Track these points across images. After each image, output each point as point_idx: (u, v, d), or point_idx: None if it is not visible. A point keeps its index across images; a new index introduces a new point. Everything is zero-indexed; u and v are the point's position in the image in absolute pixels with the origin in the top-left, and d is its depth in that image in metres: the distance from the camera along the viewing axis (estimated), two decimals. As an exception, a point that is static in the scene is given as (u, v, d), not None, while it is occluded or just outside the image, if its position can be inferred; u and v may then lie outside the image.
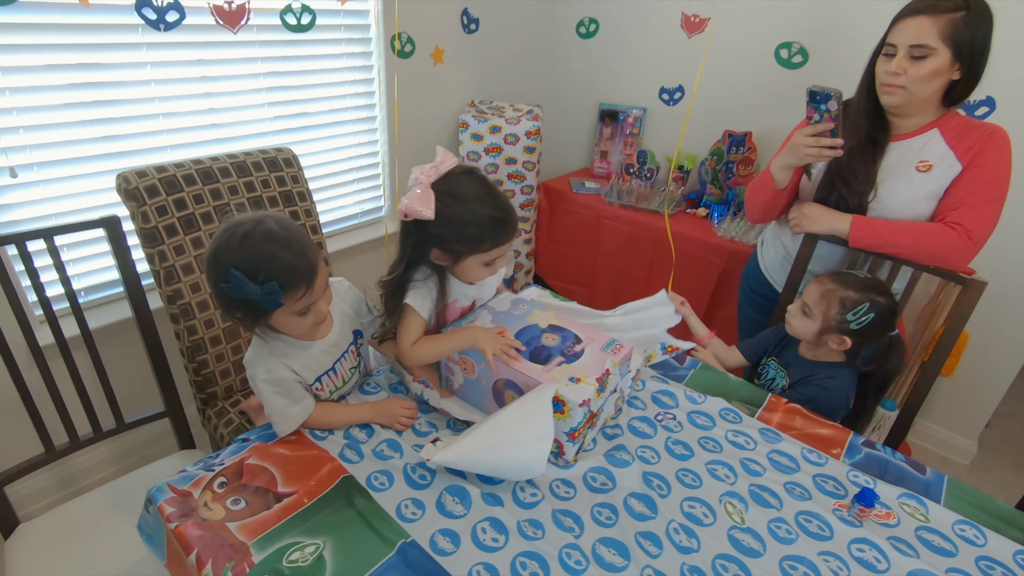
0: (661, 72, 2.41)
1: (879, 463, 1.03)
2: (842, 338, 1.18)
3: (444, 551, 0.80)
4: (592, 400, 0.91)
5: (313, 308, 0.92)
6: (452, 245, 0.97)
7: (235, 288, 0.83)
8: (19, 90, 1.34)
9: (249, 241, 0.85)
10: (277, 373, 0.94)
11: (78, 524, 1.11)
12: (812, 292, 1.21)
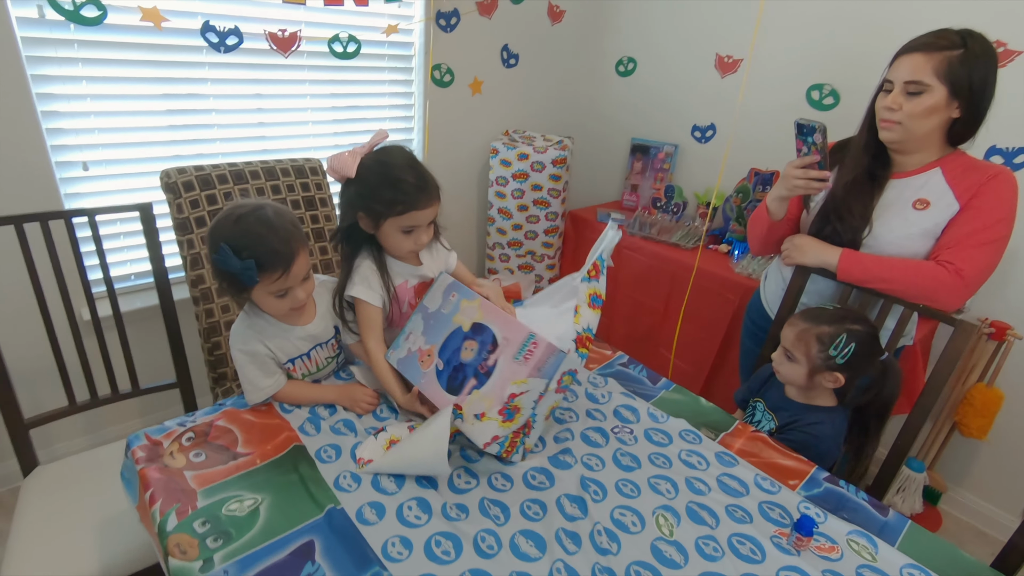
0: (694, 110, 2.44)
1: (837, 498, 0.98)
2: (834, 375, 1.14)
3: (368, 521, 0.85)
4: (500, 435, 0.92)
5: (290, 294, 1.01)
6: (371, 204, 1.04)
7: (221, 260, 0.94)
8: (99, 97, 1.57)
9: (242, 222, 0.96)
10: (250, 346, 1.04)
11: (86, 471, 1.24)
12: (788, 335, 1.19)
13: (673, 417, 1.15)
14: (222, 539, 0.80)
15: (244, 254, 0.93)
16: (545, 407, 0.98)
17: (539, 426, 1.00)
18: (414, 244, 1.10)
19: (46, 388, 1.46)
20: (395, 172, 1.03)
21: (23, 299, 1.22)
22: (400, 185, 1.03)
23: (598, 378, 1.27)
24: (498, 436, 0.92)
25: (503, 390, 0.92)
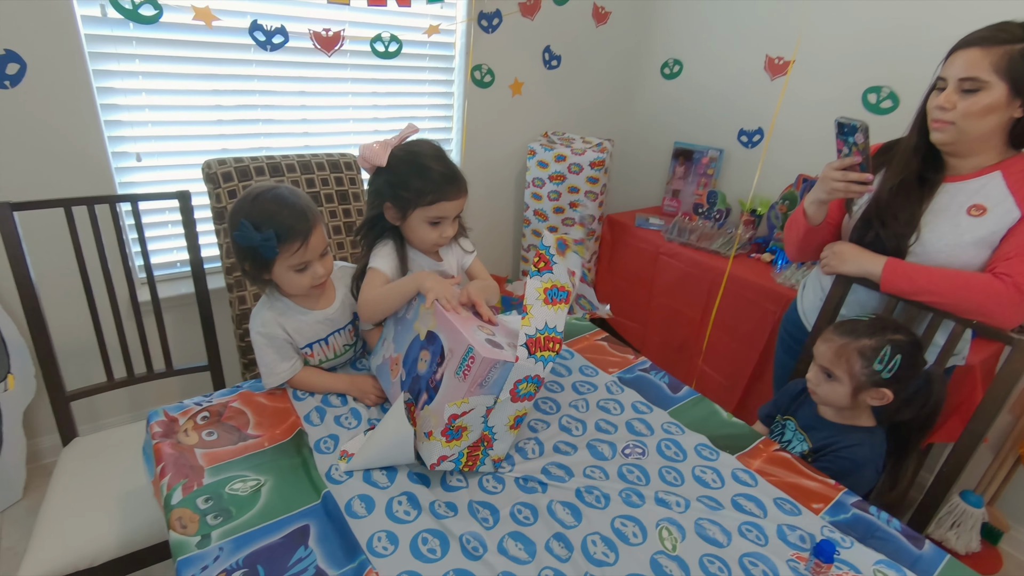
0: (741, 114, 2.35)
1: (866, 526, 0.91)
2: (882, 392, 1.05)
3: (356, 515, 0.84)
4: (448, 454, 0.88)
5: (310, 268, 1.03)
6: (400, 193, 1.05)
7: (242, 236, 0.96)
8: (153, 91, 1.66)
9: (259, 200, 0.99)
10: (269, 329, 1.06)
11: (119, 445, 1.30)
12: (825, 353, 1.10)
13: (691, 431, 1.09)
14: (222, 516, 0.81)
15: (263, 228, 0.96)
16: (503, 417, 0.89)
17: (505, 436, 0.92)
18: (439, 236, 1.10)
19: (88, 365, 1.54)
20: (425, 162, 1.05)
21: (71, 281, 1.29)
22: (430, 175, 1.04)
23: (615, 385, 1.22)
24: (445, 456, 0.88)
25: (443, 411, 0.86)
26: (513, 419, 0.91)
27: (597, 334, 1.44)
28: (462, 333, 0.86)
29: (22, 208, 1.17)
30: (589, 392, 1.19)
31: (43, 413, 1.74)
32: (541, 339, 0.85)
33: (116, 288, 1.33)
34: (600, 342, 1.40)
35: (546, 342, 0.86)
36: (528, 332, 0.85)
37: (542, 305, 0.88)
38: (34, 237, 1.24)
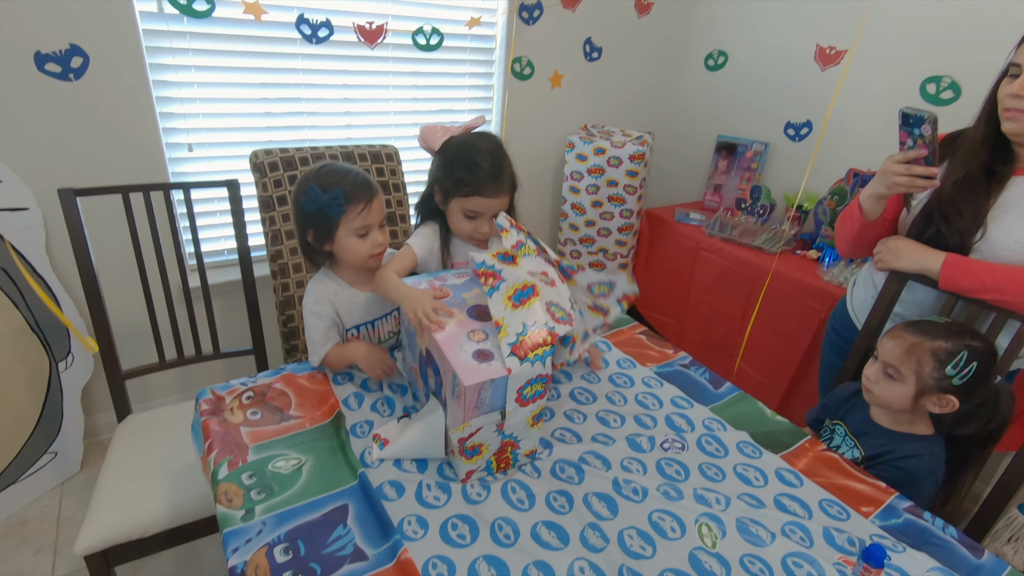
0: (789, 106, 2.28)
1: (919, 532, 0.87)
2: (947, 398, 0.98)
3: (388, 498, 0.85)
4: (473, 468, 0.87)
5: (371, 233, 1.06)
6: (444, 180, 1.09)
7: (310, 199, 1.00)
8: (204, 84, 1.72)
9: (325, 168, 1.05)
10: (320, 307, 1.09)
11: (169, 422, 1.35)
12: (893, 350, 1.03)
13: (733, 428, 1.07)
14: (265, 492, 0.83)
15: (331, 190, 1.00)
16: (519, 421, 0.86)
17: (528, 435, 0.90)
18: (474, 230, 1.12)
19: (140, 346, 1.61)
20: (473, 155, 1.07)
21: (127, 265, 1.35)
22: (473, 169, 1.06)
23: (653, 380, 1.20)
24: (472, 471, 0.88)
25: (452, 435, 0.85)
26: (531, 419, 0.88)
27: (636, 327, 1.41)
28: (446, 357, 0.82)
29: (84, 194, 1.23)
30: (626, 386, 1.18)
31: (98, 392, 1.82)
32: (526, 341, 0.82)
33: (168, 273, 1.38)
34: (639, 335, 1.38)
35: (532, 342, 0.82)
36: (509, 341, 0.81)
37: (512, 311, 0.84)
38: (93, 223, 1.29)
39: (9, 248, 1.48)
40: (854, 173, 2.00)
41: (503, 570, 0.75)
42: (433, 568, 0.74)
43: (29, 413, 1.60)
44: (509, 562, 0.76)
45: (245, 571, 0.71)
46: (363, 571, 0.73)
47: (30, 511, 1.62)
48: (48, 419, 1.65)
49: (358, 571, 0.73)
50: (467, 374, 0.79)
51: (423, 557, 0.75)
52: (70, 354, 1.69)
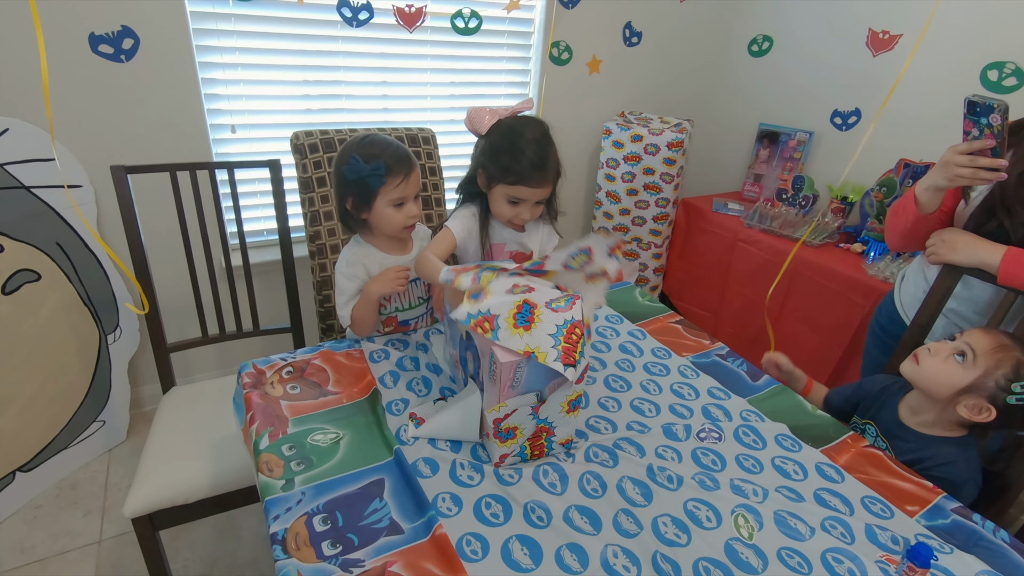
0: (837, 93, 2.19)
1: (968, 534, 0.83)
2: (985, 406, 0.93)
3: (422, 474, 0.86)
4: (507, 452, 0.87)
5: (406, 205, 1.09)
6: (488, 165, 1.09)
7: (352, 168, 1.04)
8: (247, 67, 1.75)
9: (367, 139, 1.08)
10: (352, 268, 1.13)
11: (211, 395, 1.39)
12: (982, 337, 0.96)
13: (772, 421, 1.04)
14: (304, 464, 0.85)
15: (372, 161, 1.03)
16: (555, 407, 0.86)
17: (564, 422, 0.89)
18: (515, 216, 1.13)
19: (184, 322, 1.66)
20: (520, 143, 1.06)
21: (172, 244, 1.39)
22: (519, 156, 1.06)
23: (689, 369, 1.18)
24: (506, 454, 0.87)
25: (488, 415, 0.85)
26: (567, 404, 0.87)
27: (671, 316, 1.39)
28: (484, 337, 0.81)
29: (135, 171, 1.27)
30: (662, 375, 1.16)
31: (143, 365, 1.90)
32: (566, 347, 0.79)
33: (212, 251, 1.42)
34: (674, 324, 1.36)
35: (571, 343, 0.80)
36: (554, 358, 0.78)
37: (529, 335, 0.79)
38: (141, 201, 1.33)
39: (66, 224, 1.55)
40: (905, 164, 1.92)
41: (536, 550, 0.75)
42: (467, 544, 0.75)
43: (80, 382, 1.67)
44: (542, 542, 0.76)
45: (286, 538, 0.73)
46: (399, 544, 0.74)
47: (80, 475, 1.70)
48: (97, 389, 1.72)
49: (394, 544, 0.74)
50: (504, 353, 0.79)
51: (457, 533, 0.76)
52: (118, 327, 1.75)
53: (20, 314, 1.49)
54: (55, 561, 1.45)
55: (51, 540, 1.50)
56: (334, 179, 1.13)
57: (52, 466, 1.64)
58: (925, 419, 1.01)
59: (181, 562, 1.47)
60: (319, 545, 0.73)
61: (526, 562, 0.74)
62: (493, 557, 0.74)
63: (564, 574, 0.72)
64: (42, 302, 1.54)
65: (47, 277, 1.54)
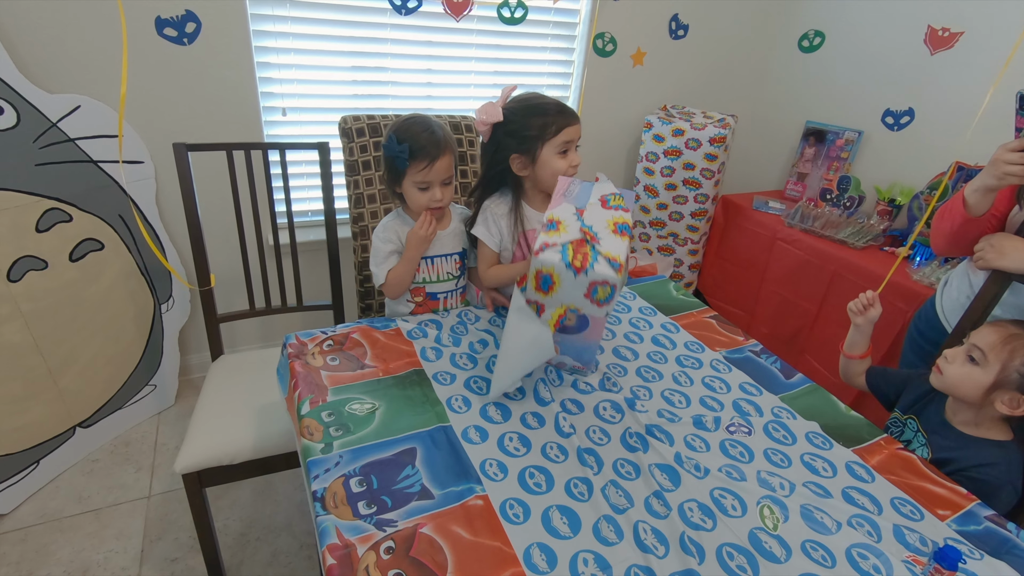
0: (890, 92, 2.13)
1: (1000, 541, 0.82)
2: (1021, 398, 0.94)
3: (472, 441, 0.90)
4: (549, 242, 0.92)
5: (430, 190, 1.15)
6: (525, 135, 1.13)
7: (387, 146, 1.13)
8: (300, 51, 1.81)
9: (409, 120, 1.16)
10: (388, 233, 1.22)
11: (256, 364, 1.46)
12: (988, 335, 0.98)
13: (803, 419, 1.04)
14: (342, 430, 0.90)
15: (402, 143, 1.10)
16: (600, 220, 0.95)
17: (608, 238, 0.93)
18: (568, 165, 1.16)
19: (231, 296, 1.75)
20: (536, 101, 1.15)
21: (226, 220, 1.46)
22: (546, 109, 1.13)
23: (721, 364, 1.19)
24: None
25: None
26: (612, 224, 0.95)
27: (706, 311, 1.39)
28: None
29: (195, 149, 1.34)
30: (693, 367, 1.17)
31: (192, 334, 2.00)
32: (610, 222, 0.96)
33: (263, 229, 1.49)
34: (709, 319, 1.36)
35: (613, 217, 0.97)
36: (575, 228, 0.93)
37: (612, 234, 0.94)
38: (197, 177, 1.40)
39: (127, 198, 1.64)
40: (958, 167, 1.85)
41: (575, 520, 0.79)
42: (510, 508, 0.79)
43: (135, 346, 1.77)
44: (581, 514, 0.80)
45: (325, 496, 0.78)
46: (429, 508, 0.78)
47: (132, 434, 1.81)
48: (151, 354, 1.82)
49: (425, 508, 0.78)
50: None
51: (501, 497, 0.80)
52: (171, 297, 1.85)
53: (84, 280, 1.60)
54: (109, 512, 1.55)
55: (105, 491, 1.60)
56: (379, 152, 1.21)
57: (108, 424, 1.75)
58: (966, 418, 1.00)
59: (222, 520, 1.55)
60: (355, 504, 0.77)
61: (564, 530, 0.77)
62: (534, 522, 0.77)
63: (600, 544, 0.75)
64: (104, 270, 1.64)
65: (109, 247, 1.64)
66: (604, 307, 0.92)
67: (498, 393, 0.98)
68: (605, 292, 0.89)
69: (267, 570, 1.44)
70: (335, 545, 0.71)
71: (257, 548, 1.49)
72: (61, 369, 1.58)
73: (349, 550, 0.71)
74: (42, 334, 1.51)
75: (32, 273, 1.47)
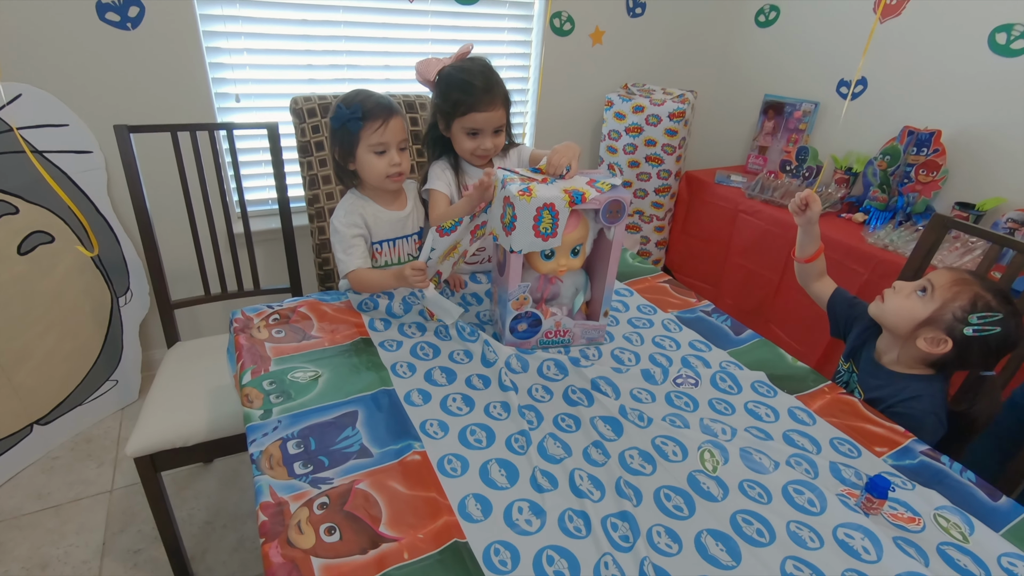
0: (843, 63, 2.16)
1: (933, 473, 0.84)
2: (943, 338, 0.96)
3: (413, 403, 0.90)
4: None
5: (388, 152, 1.12)
6: (442, 106, 1.14)
7: (335, 116, 1.09)
8: (251, 35, 1.79)
9: (353, 91, 1.14)
10: (350, 218, 1.16)
11: (212, 350, 1.44)
12: (945, 275, 1.00)
13: (750, 370, 1.05)
14: (282, 398, 0.89)
15: (352, 106, 1.08)
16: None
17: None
18: (476, 148, 1.16)
19: (191, 284, 1.71)
20: (464, 76, 1.12)
21: (181, 207, 1.43)
22: (466, 88, 1.11)
23: (672, 323, 1.20)
24: None
25: None
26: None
27: (660, 276, 1.40)
28: None
29: (137, 131, 1.32)
30: (644, 327, 1.17)
31: (155, 328, 1.96)
32: None
33: (216, 216, 1.47)
34: (662, 284, 1.37)
35: None
36: None
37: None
38: (148, 168, 1.37)
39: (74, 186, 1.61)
40: (909, 131, 1.88)
41: (513, 471, 0.79)
42: (448, 463, 0.79)
43: (94, 341, 1.74)
44: (519, 465, 0.80)
45: (260, 458, 0.77)
46: (367, 466, 0.77)
47: (94, 431, 1.78)
48: (110, 349, 1.79)
49: (362, 465, 0.77)
50: None
51: (439, 453, 0.81)
52: (129, 291, 1.82)
53: (36, 274, 1.56)
54: (69, 507, 1.52)
55: (66, 488, 1.58)
56: (328, 138, 1.18)
57: (68, 421, 1.72)
58: (892, 357, 1.03)
59: (187, 510, 1.53)
60: (291, 465, 0.77)
61: (502, 481, 0.77)
62: (471, 475, 0.78)
63: (535, 492, 0.75)
64: (56, 263, 1.61)
65: (60, 239, 1.61)
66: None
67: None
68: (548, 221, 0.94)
69: (232, 556, 1.43)
70: (267, 503, 0.71)
71: (223, 535, 1.48)
72: (14, 366, 1.54)
73: (282, 507, 0.70)
74: (-9, 329, 1.48)
75: (-23, 266, 1.44)
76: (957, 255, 1.62)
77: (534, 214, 0.93)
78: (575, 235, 1.00)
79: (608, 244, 1.01)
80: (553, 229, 0.95)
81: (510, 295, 0.99)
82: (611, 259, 1.00)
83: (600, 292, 1.06)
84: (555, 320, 1.05)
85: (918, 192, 1.86)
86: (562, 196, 0.93)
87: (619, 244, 1.00)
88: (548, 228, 0.94)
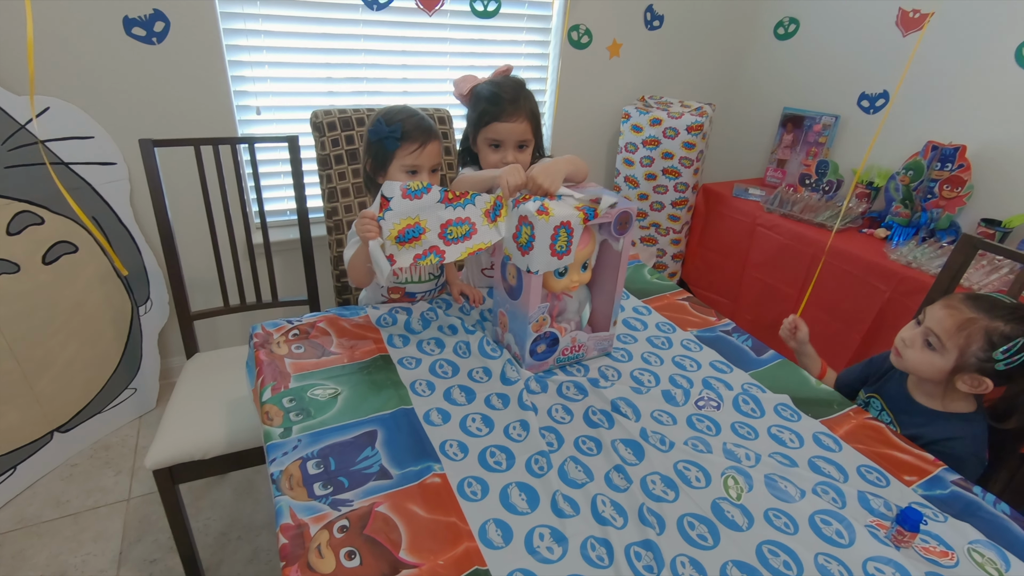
0: (864, 76, 2.13)
1: (965, 504, 0.81)
2: (980, 379, 0.93)
3: (433, 423, 0.90)
4: None
5: (419, 174, 1.13)
6: (471, 118, 1.16)
7: (374, 130, 1.10)
8: (272, 49, 1.81)
9: (396, 107, 1.15)
10: None
11: (231, 361, 1.45)
12: (943, 320, 0.96)
13: (773, 392, 1.03)
14: (302, 415, 0.89)
15: (392, 124, 1.09)
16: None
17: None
18: (499, 161, 1.16)
19: (209, 295, 1.74)
20: (492, 89, 1.14)
21: (202, 220, 1.44)
22: (492, 99, 1.13)
23: (692, 343, 1.18)
24: None
25: None
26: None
27: (679, 294, 1.39)
28: None
29: (161, 145, 1.33)
30: (664, 348, 1.16)
31: (174, 337, 1.99)
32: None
33: (236, 227, 1.48)
34: (681, 302, 1.35)
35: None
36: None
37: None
38: (172, 180, 1.39)
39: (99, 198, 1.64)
40: (933, 146, 1.85)
41: (533, 496, 0.78)
42: (468, 486, 0.78)
43: (113, 350, 1.76)
44: (539, 489, 0.79)
45: (280, 478, 0.77)
46: (387, 488, 0.77)
47: (113, 438, 1.80)
48: (129, 357, 1.81)
49: (382, 487, 0.77)
50: None
51: (459, 476, 0.80)
52: (149, 300, 1.84)
53: (59, 283, 1.59)
54: (87, 515, 1.54)
55: (84, 495, 1.59)
56: (363, 148, 1.18)
57: (87, 428, 1.74)
58: (929, 391, 1.00)
59: (203, 520, 1.54)
60: (311, 486, 0.76)
61: (522, 506, 0.76)
62: (491, 499, 0.77)
63: (557, 518, 0.74)
64: (79, 273, 1.63)
65: (84, 249, 1.64)
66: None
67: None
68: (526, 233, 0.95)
69: (247, 568, 1.43)
70: (288, 525, 0.70)
71: (238, 547, 1.48)
72: (36, 373, 1.56)
73: (302, 529, 0.70)
74: (15, 338, 1.50)
75: (4, 276, 1.46)
76: (984, 273, 1.59)
77: (551, 233, 0.92)
78: (586, 250, 1.00)
79: (613, 255, 1.01)
80: (568, 247, 0.94)
81: (531, 318, 0.98)
82: (620, 269, 1.01)
83: (608, 303, 1.06)
84: (571, 336, 1.04)
85: (942, 208, 1.83)
86: (576, 214, 0.92)
87: (627, 253, 1.00)
88: (563, 246, 0.94)
